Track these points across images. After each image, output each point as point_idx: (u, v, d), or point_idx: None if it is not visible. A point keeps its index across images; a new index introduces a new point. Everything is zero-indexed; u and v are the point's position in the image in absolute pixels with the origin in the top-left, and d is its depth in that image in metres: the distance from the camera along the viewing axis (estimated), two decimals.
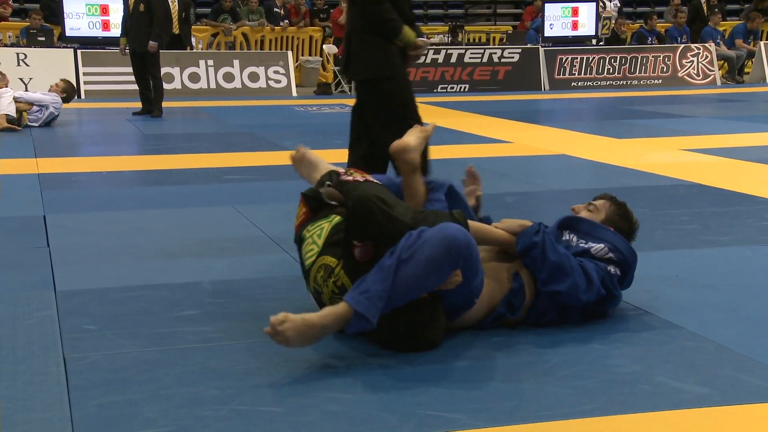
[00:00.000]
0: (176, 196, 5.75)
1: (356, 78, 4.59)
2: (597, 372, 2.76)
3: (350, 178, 3.23)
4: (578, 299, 3.13)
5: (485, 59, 15.25)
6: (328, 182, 3.26)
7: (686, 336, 3.09)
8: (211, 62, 14.24)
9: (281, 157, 7.55)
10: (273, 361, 2.85)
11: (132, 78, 11.22)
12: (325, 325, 2.78)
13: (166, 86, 11.84)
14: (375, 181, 3.24)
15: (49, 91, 10.08)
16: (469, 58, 15.21)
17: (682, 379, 2.70)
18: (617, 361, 2.86)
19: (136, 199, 5.70)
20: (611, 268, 3.23)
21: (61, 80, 10.43)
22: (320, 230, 3.12)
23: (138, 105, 11.09)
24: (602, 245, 3.26)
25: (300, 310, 3.32)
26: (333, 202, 3.20)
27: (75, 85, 10.50)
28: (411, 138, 3.34)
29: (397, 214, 2.88)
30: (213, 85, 14.12)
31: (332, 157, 7.39)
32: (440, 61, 15.08)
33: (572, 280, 3.10)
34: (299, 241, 3.22)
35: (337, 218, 3.13)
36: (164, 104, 10.99)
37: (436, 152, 7.70)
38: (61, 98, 9.98)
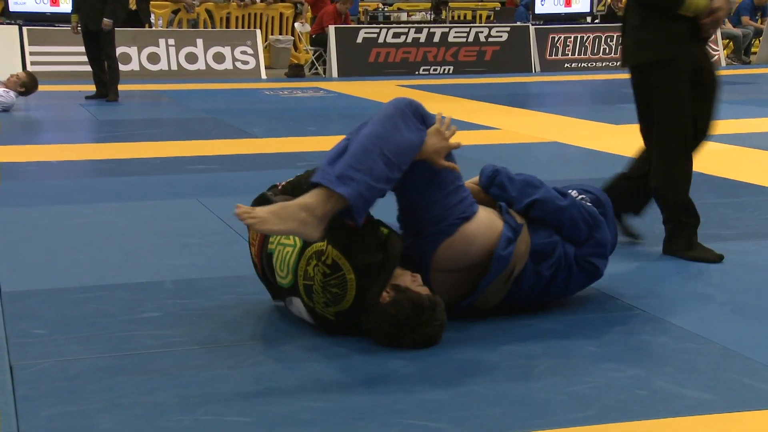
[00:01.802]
0: (135, 188, 5.73)
1: (626, 64, 4.19)
2: (591, 376, 2.78)
3: (290, 179, 3.34)
4: (558, 207, 3.27)
5: (471, 38, 15.28)
6: (269, 193, 3.31)
7: (687, 337, 3.12)
8: (171, 41, 14.17)
9: (249, 146, 7.55)
10: (241, 366, 2.85)
11: (85, 58, 11.14)
12: (304, 203, 2.83)
13: (122, 67, 11.77)
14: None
15: (7, 81, 9.97)
16: (454, 37, 15.24)
17: (683, 384, 2.72)
18: (613, 364, 2.88)
19: (91, 191, 5.68)
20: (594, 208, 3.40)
21: (25, 72, 10.34)
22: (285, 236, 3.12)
23: (91, 88, 11.02)
24: (572, 191, 3.44)
25: (272, 313, 3.34)
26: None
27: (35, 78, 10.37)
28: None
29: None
30: (174, 67, 14.06)
31: (305, 145, 7.44)
32: (422, 40, 15.09)
33: (545, 189, 3.30)
34: (269, 258, 3.20)
35: None
36: (120, 87, 10.93)
37: None
38: (19, 92, 9.91)
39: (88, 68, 11.09)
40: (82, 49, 11.03)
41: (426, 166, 3.03)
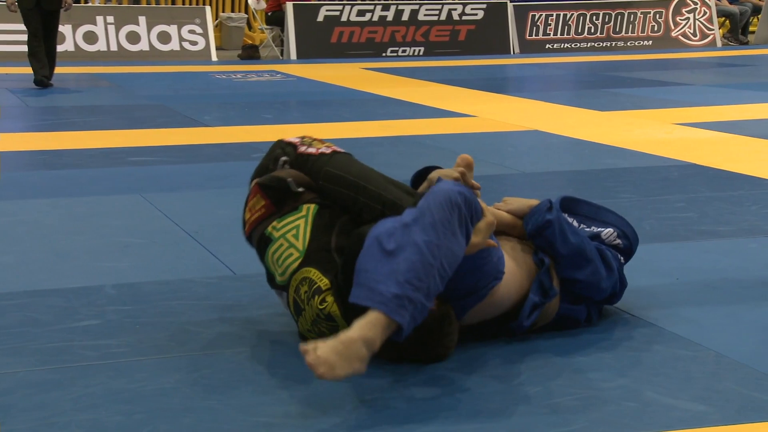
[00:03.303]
0: (70, 183, 5.69)
1: None
2: (576, 388, 2.80)
3: (312, 150, 3.18)
4: (599, 289, 3.23)
5: (443, 17, 15.31)
6: (284, 158, 3.18)
7: (680, 344, 3.15)
8: (110, 19, 14.06)
9: (198, 135, 7.52)
10: (189, 379, 2.84)
11: (12, 38, 10.95)
12: (365, 337, 2.64)
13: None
14: (340, 150, 3.20)
15: None
16: (424, 15, 15.25)
17: (676, 395, 2.75)
18: (599, 374, 2.90)
19: (19, 186, 5.63)
20: (621, 257, 3.37)
21: None
22: (296, 230, 3.07)
23: (21, 70, 10.87)
24: (610, 230, 3.40)
25: (225, 320, 3.33)
26: (300, 189, 3.13)
27: None
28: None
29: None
30: (114, 47, 13.96)
31: (261, 135, 7.41)
32: (389, 18, 15.10)
33: (593, 267, 3.21)
34: (263, 240, 3.12)
35: (312, 208, 3.10)
36: (55, 70, 10.84)
37: (386, 128, 7.75)
38: None
39: (13, 48, 10.89)
40: (12, 27, 10.86)
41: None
